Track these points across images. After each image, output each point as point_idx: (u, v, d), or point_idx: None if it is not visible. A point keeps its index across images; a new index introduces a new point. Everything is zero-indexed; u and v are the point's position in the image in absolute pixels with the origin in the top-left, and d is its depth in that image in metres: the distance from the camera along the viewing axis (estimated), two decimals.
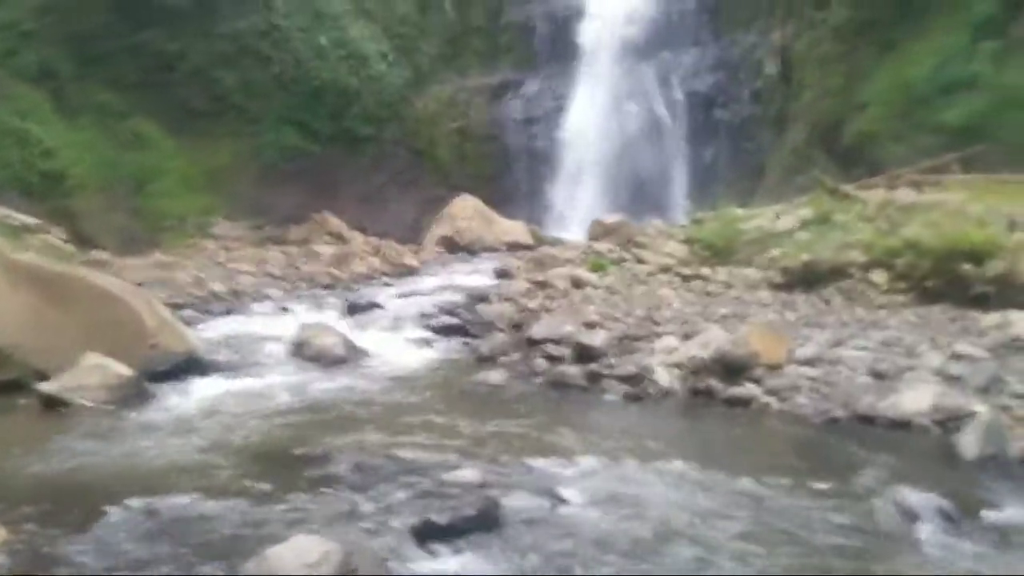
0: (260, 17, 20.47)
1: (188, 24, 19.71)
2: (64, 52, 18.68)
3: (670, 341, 7.49)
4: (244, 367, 8.30)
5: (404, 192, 21.39)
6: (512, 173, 22.13)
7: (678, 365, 6.93)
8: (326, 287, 12.70)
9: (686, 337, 7.58)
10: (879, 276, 8.42)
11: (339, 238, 17.84)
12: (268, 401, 6.99)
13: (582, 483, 4.70)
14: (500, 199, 20.57)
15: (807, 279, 9.00)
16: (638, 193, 20.99)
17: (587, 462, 5.07)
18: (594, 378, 7.18)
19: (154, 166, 18.59)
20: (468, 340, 9.19)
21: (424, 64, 22.83)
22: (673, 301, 9.08)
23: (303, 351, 8.60)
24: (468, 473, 4.73)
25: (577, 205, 21.33)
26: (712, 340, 6.97)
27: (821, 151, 17.01)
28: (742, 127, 20.83)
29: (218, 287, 12.44)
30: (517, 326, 9.25)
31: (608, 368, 7.25)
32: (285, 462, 5.29)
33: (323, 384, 7.51)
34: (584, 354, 7.70)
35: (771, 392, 6.40)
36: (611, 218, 15.57)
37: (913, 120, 14.89)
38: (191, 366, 8.01)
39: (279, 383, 7.60)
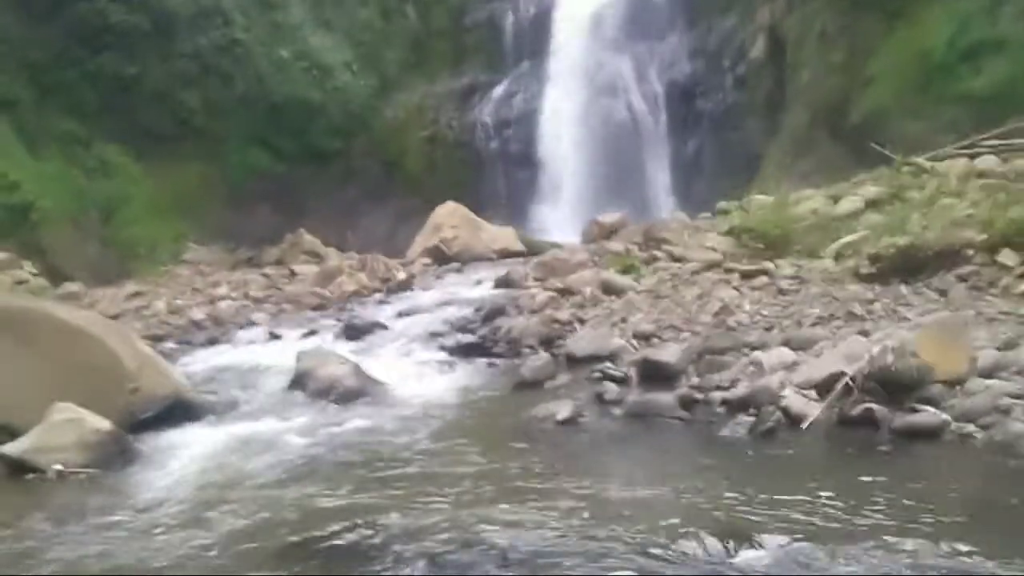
0: (219, 33, 19.08)
1: (146, 45, 18.32)
2: (21, 82, 17.23)
3: (782, 353, 6.28)
4: (240, 408, 7.02)
5: (376, 205, 20.06)
6: (487, 179, 20.89)
7: (812, 386, 5.70)
8: (315, 308, 11.37)
9: (795, 347, 6.37)
10: (1010, 257, 7.17)
11: (315, 256, 16.49)
12: (278, 453, 5.71)
13: None
14: (477, 206, 19.14)
15: (906, 267, 7.67)
16: (620, 191, 19.85)
17: (788, 545, 3.62)
18: (689, 405, 5.97)
19: (122, 193, 17.22)
20: (493, 361, 7.96)
21: (389, 72, 21.54)
22: (743, 303, 7.86)
23: (307, 384, 7.33)
24: None
25: (558, 207, 20.19)
26: (859, 350, 5.73)
27: (825, 134, 15.93)
28: (727, 116, 19.79)
29: (198, 315, 11.11)
30: (549, 342, 8.04)
31: (701, 391, 6.05)
32: (323, 555, 3.87)
33: (341, 426, 6.24)
34: (655, 374, 6.50)
35: (966, 417, 5.04)
36: (609, 217, 14.47)
37: (932, 92, 13.59)
38: (179, 410, 6.72)
39: (286, 427, 6.33)
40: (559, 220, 19.67)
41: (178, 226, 17.11)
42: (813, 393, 5.73)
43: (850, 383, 5.57)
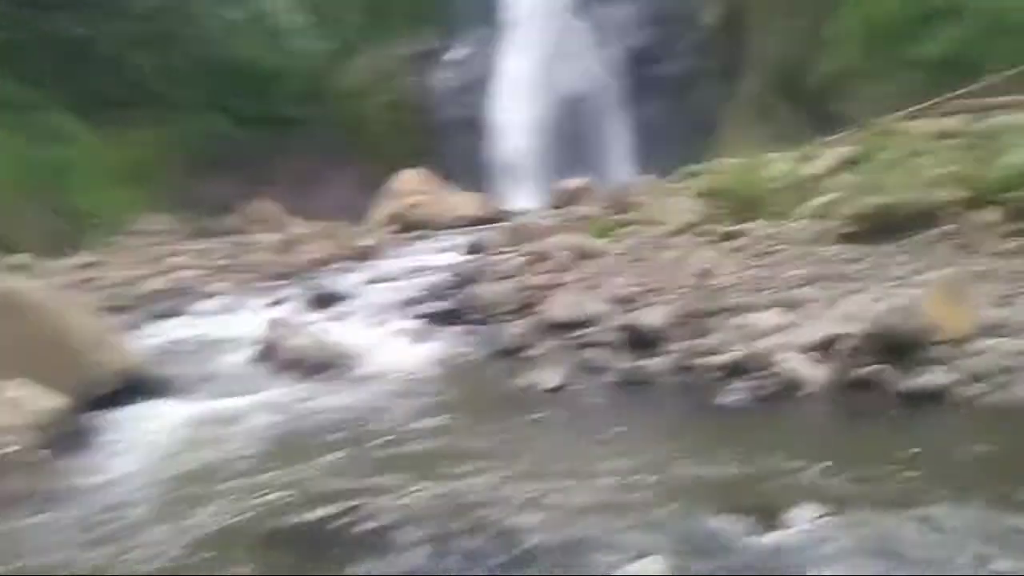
0: None
1: (97, 8, 17.21)
2: None
3: (776, 315, 5.86)
4: (204, 383, 6.35)
5: (339, 172, 19.32)
6: (448, 144, 20.24)
7: (813, 348, 5.28)
8: (279, 277, 10.66)
9: (785, 309, 5.96)
10: (989, 215, 6.86)
11: (277, 224, 15.71)
12: (247, 431, 5.10)
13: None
14: (438, 172, 18.63)
15: (887, 226, 7.34)
16: (580, 156, 19.43)
17: (817, 520, 3.20)
18: (681, 370, 5.52)
19: (74, 161, 16.10)
20: (470, 328, 7.42)
21: (347, 35, 20.61)
22: (724, 265, 7.45)
23: (274, 357, 6.69)
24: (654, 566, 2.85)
25: (519, 173, 19.68)
26: (858, 311, 5.32)
27: (783, 97, 15.64)
28: (684, 82, 19.49)
29: (156, 285, 10.30)
30: (526, 308, 7.53)
31: (692, 356, 5.60)
32: (313, 545, 3.35)
33: (314, 401, 5.64)
34: (640, 338, 6.03)
35: (974, 378, 4.59)
36: (574, 182, 14.01)
37: (889, 56, 13.45)
38: (138, 386, 6.04)
39: (254, 403, 5.70)
40: (520, 185, 19.21)
41: (133, 194, 16.13)
42: (814, 355, 5.32)
43: (854, 344, 5.18)
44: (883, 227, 7.45)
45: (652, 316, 6.36)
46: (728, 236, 8.36)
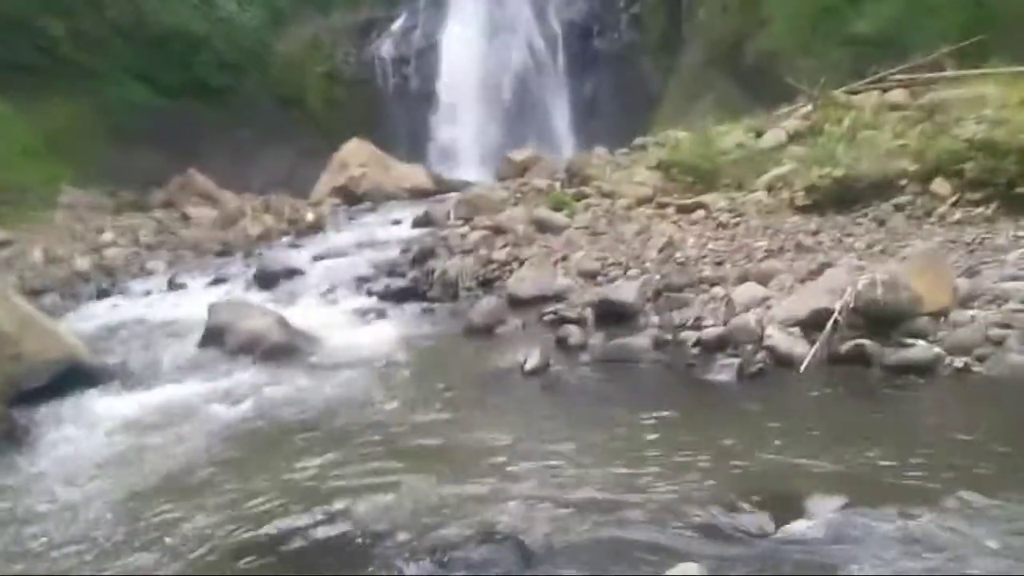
0: None
1: None
2: None
3: (751, 289, 5.63)
4: (149, 370, 5.79)
5: (274, 145, 18.31)
6: (388, 117, 19.48)
7: (796, 323, 5.05)
8: (218, 254, 9.97)
9: (753, 281, 5.76)
10: (943, 186, 6.79)
11: (210, 199, 14.78)
12: (200, 425, 4.62)
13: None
14: (379, 144, 17.91)
15: (842, 198, 7.28)
16: (521, 129, 19.01)
17: (835, 512, 3.02)
18: (661, 346, 5.26)
19: None
20: (429, 306, 7.00)
21: (281, 4, 19.53)
22: (686, 238, 7.22)
23: (224, 340, 6.16)
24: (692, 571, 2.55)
25: (460, 146, 19.14)
26: (839, 283, 5.12)
27: (722, 72, 15.51)
28: (623, 55, 19.19)
29: (83, 264, 9.47)
30: (488, 283, 7.19)
31: (668, 331, 5.34)
32: (288, 560, 2.95)
33: (273, 389, 5.16)
34: (612, 313, 5.77)
35: (959, 350, 4.51)
36: (521, 154, 13.57)
37: (821, 33, 13.54)
38: (73, 377, 5.44)
39: (206, 392, 5.19)
40: (462, 157, 18.70)
41: (50, 168, 14.82)
42: (797, 330, 5.13)
43: (837, 318, 5.00)
44: (839, 199, 7.43)
45: (624, 291, 6.10)
46: (686, 209, 8.18)
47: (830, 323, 4.96)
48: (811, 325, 5.08)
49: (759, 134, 9.99)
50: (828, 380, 4.65)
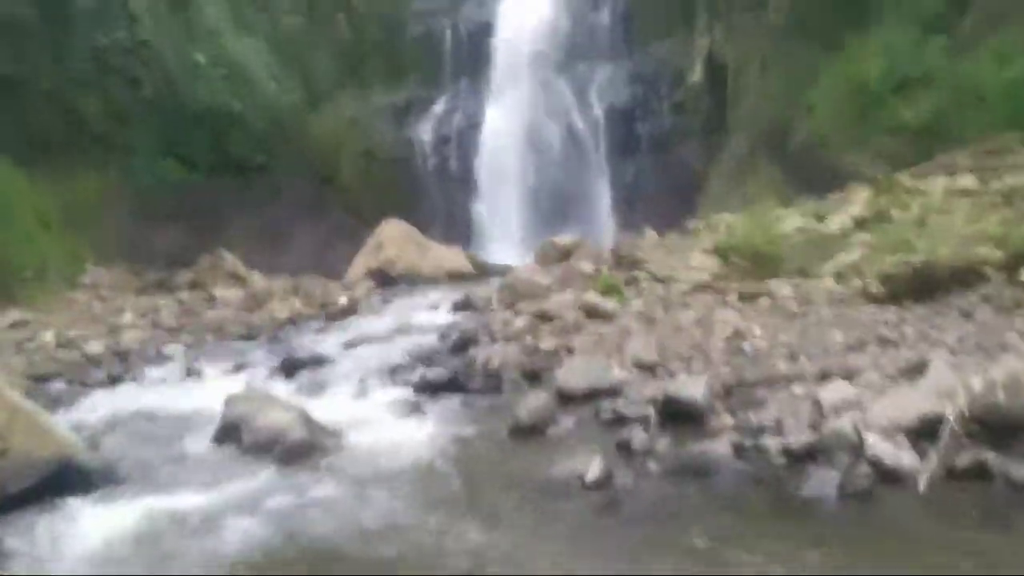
0: (124, 33, 16.76)
1: (36, 42, 15.85)
2: None
3: (841, 388, 4.96)
4: (152, 472, 5.17)
5: (307, 224, 18.17)
6: (426, 197, 19.31)
7: (901, 430, 4.37)
8: (242, 338, 9.46)
9: (836, 377, 5.10)
10: None
11: (238, 279, 14.46)
12: (211, 541, 3.98)
13: None
14: (416, 226, 17.74)
15: (921, 287, 6.67)
16: (561, 212, 18.74)
17: None
18: (745, 456, 4.59)
19: (4, 207, 14.48)
20: (470, 399, 6.37)
21: (318, 83, 19.68)
22: (752, 327, 6.57)
23: (240, 437, 5.55)
24: None
25: (499, 228, 18.83)
26: (948, 384, 4.45)
27: (767, 157, 15.23)
28: (664, 140, 19.03)
29: (95, 348, 8.97)
30: (534, 375, 6.56)
31: (746, 436, 4.68)
32: None
33: (295, 497, 4.50)
34: (678, 413, 5.12)
35: None
36: (565, 238, 13.14)
37: (868, 121, 13.29)
38: (67, 479, 4.84)
39: (218, 501, 4.55)
40: (500, 241, 18.37)
41: (74, 244, 14.64)
42: (902, 439, 4.43)
43: (953, 426, 4.31)
44: (917, 288, 6.83)
45: (691, 387, 5.44)
46: (749, 296, 7.58)
47: (946, 432, 4.26)
48: (919, 433, 4.42)
49: (821, 218, 9.50)
50: (945, 500, 3.94)
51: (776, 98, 15.42)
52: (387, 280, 12.69)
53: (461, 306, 9.52)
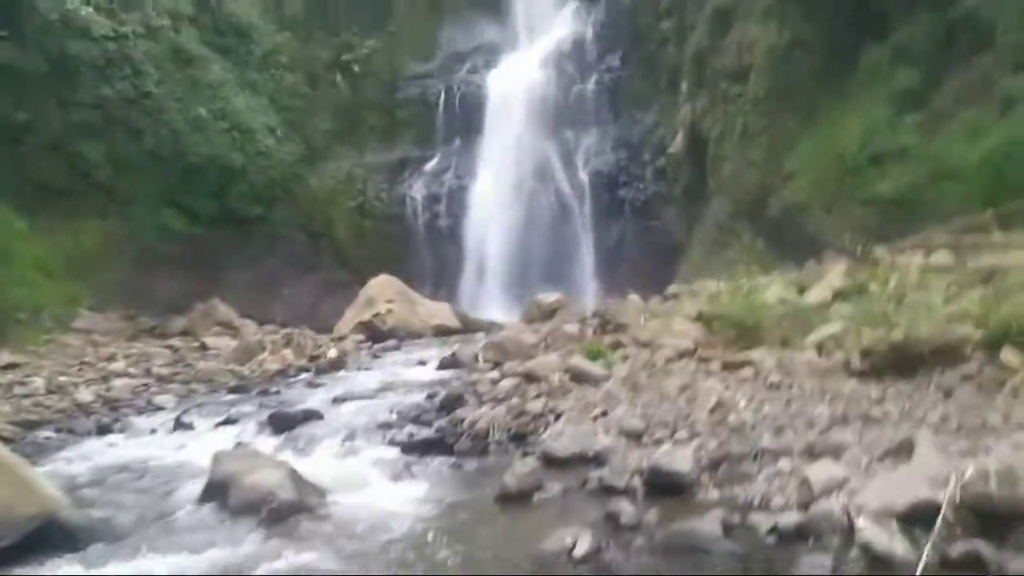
0: (128, 84, 16.81)
1: (41, 90, 15.84)
2: None
3: (828, 468, 4.84)
4: (137, 533, 4.94)
5: (300, 276, 18.09)
6: (416, 253, 19.40)
7: (891, 515, 4.25)
8: (232, 390, 9.25)
9: (819, 454, 5.00)
10: (1013, 356, 6.10)
11: (231, 328, 14.29)
12: None
13: None
14: (405, 280, 17.72)
15: (902, 363, 6.59)
16: (546, 271, 18.82)
17: None
18: (733, 533, 4.43)
19: (2, 249, 14.26)
20: (458, 461, 6.21)
21: (317, 139, 19.84)
22: (737, 398, 6.47)
23: (227, 496, 5.33)
24: None
25: (485, 285, 18.86)
26: (938, 469, 4.35)
27: (747, 224, 15.35)
28: (647, 205, 19.28)
29: (86, 395, 8.73)
30: (521, 438, 6.42)
31: (739, 512, 4.54)
32: None
33: (276, 564, 4.31)
34: (664, 484, 4.98)
35: None
36: (548, 297, 13.11)
37: (845, 192, 13.44)
38: (49, 537, 4.61)
39: (195, 564, 4.35)
40: (486, 297, 18.37)
41: (70, 289, 14.40)
42: (894, 525, 4.29)
43: (945, 514, 4.18)
44: (899, 363, 6.70)
45: (677, 459, 5.29)
46: (733, 365, 7.47)
47: (939, 521, 4.14)
48: (910, 520, 4.28)
49: (802, 290, 9.50)
50: None
51: (756, 166, 15.59)
52: (377, 334, 12.55)
53: (448, 363, 9.40)
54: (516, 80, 20.29)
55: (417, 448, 6.45)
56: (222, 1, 18.83)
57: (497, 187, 19.21)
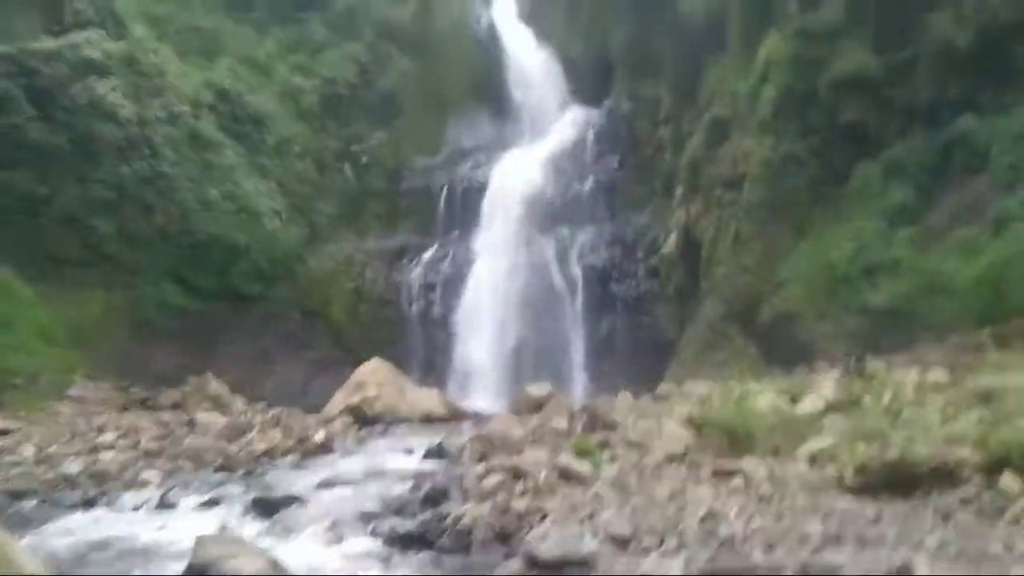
0: (145, 163, 17.24)
1: (62, 167, 16.25)
2: None
3: None
4: None
5: (293, 354, 18.11)
6: (409, 338, 19.45)
7: None
8: (219, 469, 9.19)
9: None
10: (1013, 481, 6.09)
11: (221, 404, 14.23)
12: None
13: None
14: (396, 363, 17.74)
15: (898, 482, 6.50)
16: (536, 363, 18.83)
17: None
18: None
19: (6, 316, 14.34)
20: (440, 557, 6.15)
21: (321, 223, 20.24)
22: (727, 509, 6.43)
23: None
24: None
25: (475, 374, 18.82)
26: None
27: (739, 327, 15.45)
28: (639, 301, 19.44)
29: (73, 467, 8.67)
30: (506, 537, 6.35)
31: None
32: None
33: None
34: None
35: None
36: (537, 389, 13.16)
37: (837, 301, 13.55)
38: None
39: None
40: (475, 385, 18.32)
41: (68, 357, 14.41)
42: None
43: None
44: (895, 482, 6.59)
45: (666, 569, 5.26)
46: (724, 473, 7.43)
47: None
48: None
49: (794, 399, 9.48)
50: None
51: (749, 271, 15.63)
52: (365, 418, 12.53)
53: (435, 454, 9.38)
54: (516, 176, 20.86)
55: (399, 541, 6.41)
56: (242, 92, 19.54)
57: (491, 278, 19.48)
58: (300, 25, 22.30)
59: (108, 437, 10.35)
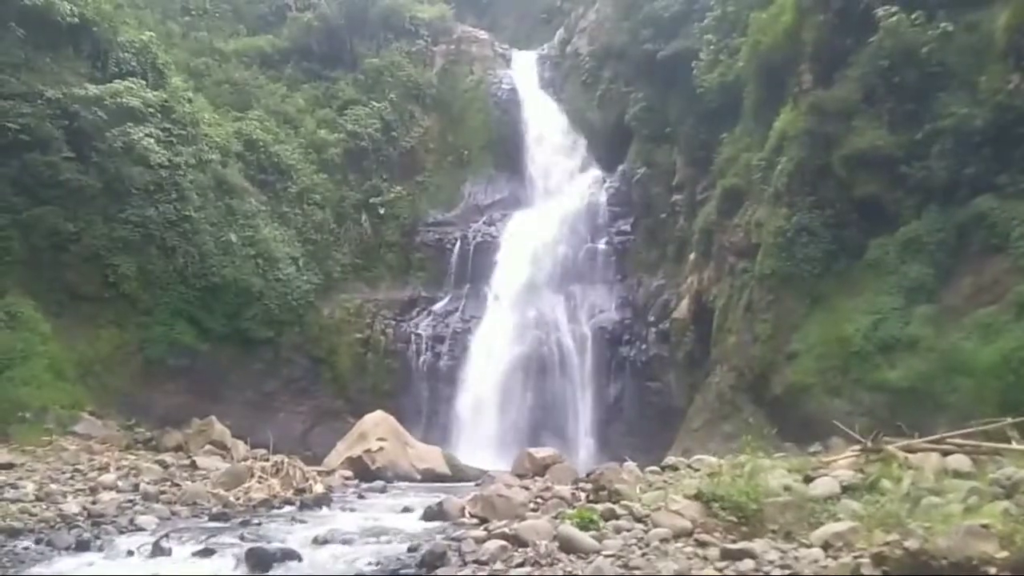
0: (171, 207, 17.52)
1: (91, 206, 16.58)
2: None
3: None
4: None
5: (297, 400, 18.11)
6: (413, 389, 19.38)
7: None
8: (215, 517, 9.05)
9: None
10: None
11: (222, 448, 14.14)
12: None
13: None
14: (399, 415, 17.59)
15: (915, 573, 6.23)
16: (541, 422, 18.71)
17: None
18: None
19: (22, 349, 14.42)
20: None
21: (335, 271, 20.39)
22: None
23: None
24: None
25: (479, 431, 18.62)
26: None
27: (749, 398, 15.21)
28: (648, 366, 19.32)
29: (72, 507, 8.57)
30: None
31: None
32: None
33: None
34: None
35: None
36: (542, 451, 12.95)
37: (851, 376, 13.25)
38: None
39: None
40: (478, 442, 18.08)
41: (76, 393, 14.43)
42: None
43: None
44: (914, 573, 6.35)
45: None
46: (732, 555, 7.12)
47: None
48: None
49: (807, 478, 9.18)
50: None
51: (760, 341, 15.30)
52: (365, 472, 12.37)
53: (434, 514, 9.18)
54: (530, 234, 21.02)
55: None
56: (269, 143, 19.98)
57: (501, 333, 19.46)
58: (329, 83, 23.15)
59: (109, 477, 10.27)
